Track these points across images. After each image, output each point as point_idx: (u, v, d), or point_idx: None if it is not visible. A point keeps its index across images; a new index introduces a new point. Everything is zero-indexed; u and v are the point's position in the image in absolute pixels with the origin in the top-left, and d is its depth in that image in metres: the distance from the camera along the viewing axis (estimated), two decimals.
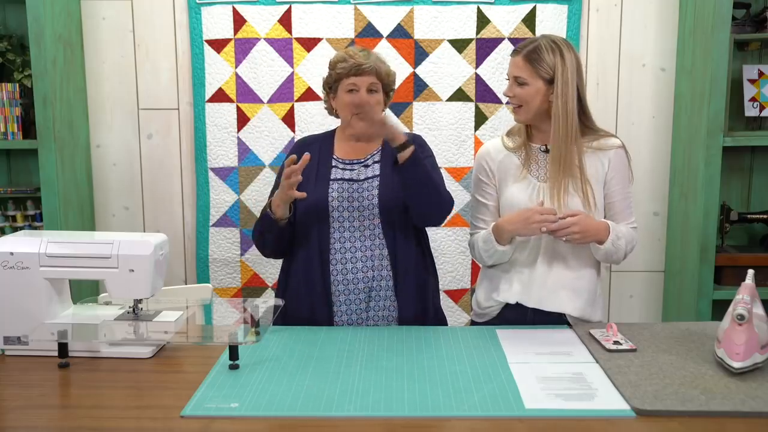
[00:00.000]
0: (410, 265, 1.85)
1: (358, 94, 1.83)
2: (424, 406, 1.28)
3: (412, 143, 1.76)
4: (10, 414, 1.27)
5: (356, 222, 1.83)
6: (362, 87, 1.83)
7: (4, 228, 2.66)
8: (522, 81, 1.74)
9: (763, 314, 1.43)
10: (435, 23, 2.65)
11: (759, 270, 1.98)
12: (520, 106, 1.77)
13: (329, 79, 1.89)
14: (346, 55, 1.84)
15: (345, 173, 1.87)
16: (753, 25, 2.52)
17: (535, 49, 1.72)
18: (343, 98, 1.86)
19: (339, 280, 1.82)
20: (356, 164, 1.89)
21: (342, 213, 1.83)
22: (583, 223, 1.67)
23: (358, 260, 1.82)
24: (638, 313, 2.84)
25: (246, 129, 2.71)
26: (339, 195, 1.83)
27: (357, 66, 1.82)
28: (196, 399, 1.31)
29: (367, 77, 1.84)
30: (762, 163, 2.71)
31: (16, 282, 1.55)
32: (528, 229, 1.68)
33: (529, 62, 1.73)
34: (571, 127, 1.72)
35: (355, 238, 1.82)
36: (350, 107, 1.84)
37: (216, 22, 2.66)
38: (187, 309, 1.76)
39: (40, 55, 2.42)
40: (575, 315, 1.78)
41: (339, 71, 1.84)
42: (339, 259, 1.82)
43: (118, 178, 2.81)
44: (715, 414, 1.24)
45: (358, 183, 1.85)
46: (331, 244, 1.82)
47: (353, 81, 1.83)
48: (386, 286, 1.83)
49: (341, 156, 1.91)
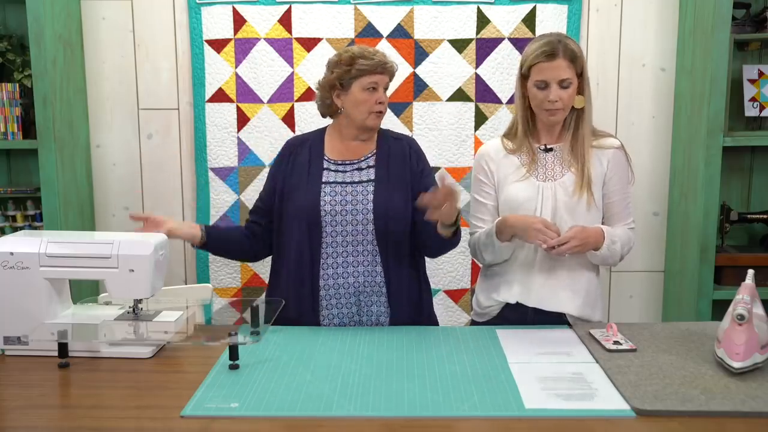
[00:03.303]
0: (404, 272, 1.84)
1: (377, 94, 1.80)
2: (424, 406, 1.28)
3: (456, 223, 1.71)
4: (10, 414, 1.27)
5: (349, 226, 1.80)
6: (381, 86, 1.81)
7: (4, 228, 2.66)
8: (568, 83, 1.71)
9: (763, 314, 1.43)
10: (435, 23, 2.65)
11: (759, 270, 1.97)
12: (561, 109, 1.74)
13: (343, 75, 1.80)
14: (366, 51, 1.80)
15: (338, 176, 1.84)
16: (753, 25, 2.52)
17: (569, 47, 1.70)
18: (359, 96, 1.80)
19: (330, 284, 1.80)
20: (348, 165, 1.86)
21: (335, 217, 1.80)
22: (580, 235, 1.67)
23: (350, 264, 1.80)
24: (638, 313, 2.84)
25: (246, 129, 2.71)
26: (332, 199, 1.80)
27: (382, 64, 1.79)
28: (196, 399, 1.31)
29: (386, 76, 1.82)
30: (762, 163, 2.71)
31: (16, 282, 1.55)
32: (526, 233, 1.68)
33: (571, 61, 1.71)
34: (591, 118, 1.77)
35: (347, 243, 1.80)
36: (369, 105, 1.80)
37: (216, 22, 2.66)
38: (187, 309, 1.76)
39: (40, 55, 2.42)
40: (575, 315, 1.79)
41: (362, 68, 1.78)
42: (330, 263, 1.80)
43: (118, 178, 2.81)
44: (715, 414, 1.24)
45: (352, 186, 1.82)
46: (323, 248, 1.80)
47: (375, 79, 1.79)
48: (378, 292, 1.82)
49: (333, 157, 1.88)
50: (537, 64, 1.71)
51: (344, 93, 1.83)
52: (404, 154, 1.89)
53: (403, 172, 1.86)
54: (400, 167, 1.86)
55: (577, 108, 1.77)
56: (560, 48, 1.69)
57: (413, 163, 1.88)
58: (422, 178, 1.88)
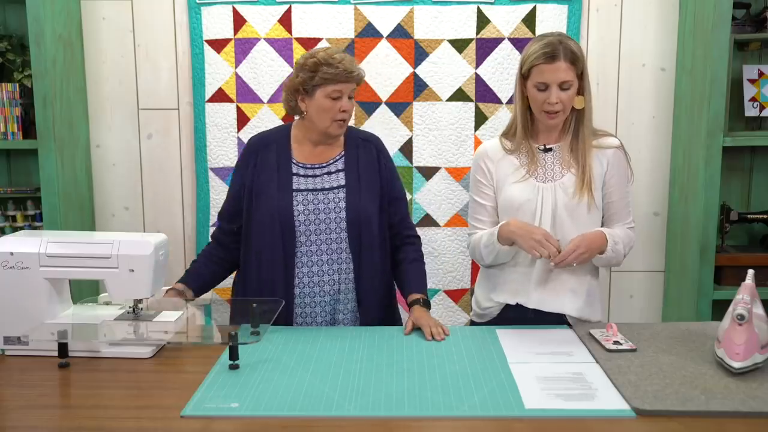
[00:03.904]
0: (375, 277, 1.84)
1: (341, 102, 1.76)
2: (424, 406, 1.28)
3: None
4: (10, 414, 1.27)
5: (323, 234, 1.79)
6: (346, 94, 1.77)
7: (4, 228, 2.65)
8: (568, 85, 1.71)
9: (763, 314, 1.43)
10: (435, 23, 2.65)
11: (759, 270, 1.97)
12: (560, 111, 1.73)
13: (307, 81, 1.77)
14: (330, 59, 1.74)
15: (308, 181, 1.82)
16: (753, 25, 2.52)
17: (570, 49, 1.69)
18: (322, 103, 1.76)
19: (305, 292, 1.81)
20: (317, 169, 1.84)
21: (309, 226, 1.79)
22: (584, 243, 1.67)
23: (325, 273, 1.81)
24: (638, 313, 2.84)
25: (246, 129, 2.70)
26: (305, 207, 1.79)
27: (347, 73, 1.75)
28: (196, 399, 1.31)
29: (351, 84, 1.78)
30: (762, 163, 2.71)
31: (16, 282, 1.55)
32: (525, 242, 1.67)
33: (571, 63, 1.70)
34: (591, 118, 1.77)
35: (321, 252, 1.80)
36: (332, 113, 1.77)
37: (216, 22, 2.66)
38: (187, 309, 1.76)
39: (40, 55, 2.42)
40: (575, 315, 1.78)
41: (325, 76, 1.74)
42: (306, 273, 1.80)
43: (118, 178, 2.81)
44: (715, 414, 1.24)
45: (323, 193, 1.81)
46: (297, 258, 1.79)
47: (339, 88, 1.75)
48: (351, 297, 1.83)
49: (301, 160, 1.85)
50: (537, 65, 1.70)
51: (308, 98, 1.79)
52: (373, 159, 1.89)
53: (373, 177, 1.86)
54: (370, 173, 1.86)
55: (577, 109, 1.77)
56: (561, 49, 1.69)
57: (382, 168, 1.89)
58: (392, 182, 1.91)
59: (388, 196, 1.89)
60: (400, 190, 1.94)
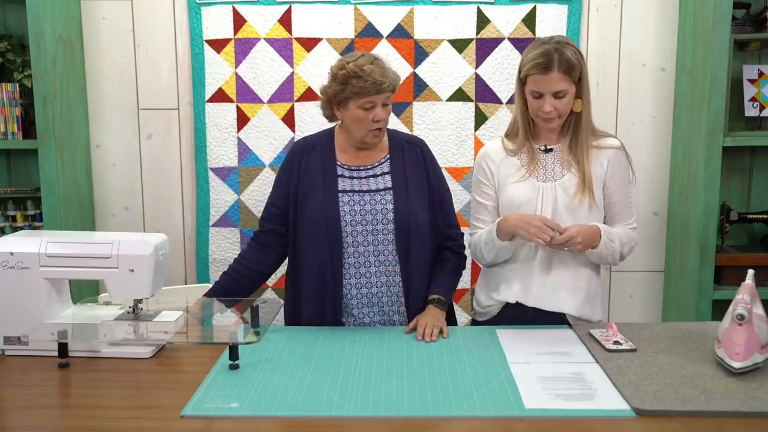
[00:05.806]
0: (423, 275, 1.83)
1: (374, 112, 1.75)
2: (424, 406, 1.28)
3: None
4: (10, 414, 1.27)
5: (370, 236, 1.79)
6: (379, 104, 1.75)
7: (4, 228, 2.66)
8: (563, 94, 1.70)
9: (763, 314, 1.43)
10: (435, 23, 2.65)
11: (759, 270, 1.97)
12: (556, 118, 1.74)
13: (339, 93, 1.76)
14: (360, 71, 1.71)
15: (354, 183, 1.82)
16: (753, 25, 2.52)
17: (565, 57, 1.68)
18: (356, 113, 1.76)
19: (353, 294, 1.81)
20: (363, 171, 1.85)
21: (355, 227, 1.79)
22: (582, 232, 1.68)
23: (372, 275, 1.80)
24: (638, 313, 2.84)
25: (246, 129, 2.71)
26: (351, 208, 1.79)
27: (377, 85, 1.72)
28: (196, 399, 1.31)
29: (384, 94, 1.76)
30: (762, 163, 2.71)
31: (16, 282, 1.55)
32: (526, 231, 1.67)
33: (566, 73, 1.69)
34: (591, 120, 1.77)
35: (369, 253, 1.80)
36: (367, 124, 1.77)
37: (216, 22, 2.66)
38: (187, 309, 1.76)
39: (40, 55, 2.42)
40: (575, 314, 1.79)
41: (354, 89, 1.72)
42: (353, 274, 1.80)
43: (118, 178, 2.81)
44: (715, 414, 1.24)
45: (370, 195, 1.81)
46: (344, 259, 1.79)
47: (371, 99, 1.73)
48: (399, 299, 1.82)
49: (346, 162, 1.85)
50: (532, 75, 1.71)
51: (342, 108, 1.79)
52: (419, 162, 1.88)
53: (420, 180, 1.86)
54: (417, 175, 1.86)
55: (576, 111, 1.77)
56: (556, 59, 1.68)
57: (430, 172, 1.88)
58: (440, 186, 1.90)
59: (438, 199, 1.88)
60: (447, 191, 1.93)
